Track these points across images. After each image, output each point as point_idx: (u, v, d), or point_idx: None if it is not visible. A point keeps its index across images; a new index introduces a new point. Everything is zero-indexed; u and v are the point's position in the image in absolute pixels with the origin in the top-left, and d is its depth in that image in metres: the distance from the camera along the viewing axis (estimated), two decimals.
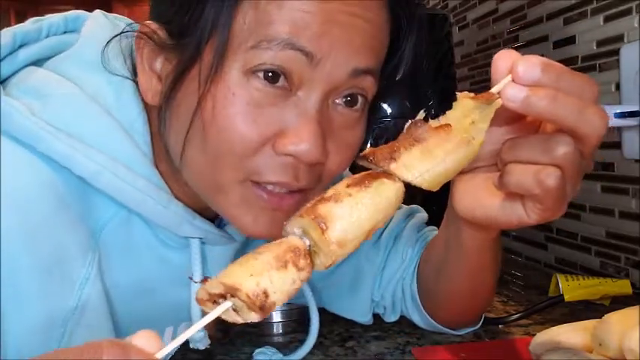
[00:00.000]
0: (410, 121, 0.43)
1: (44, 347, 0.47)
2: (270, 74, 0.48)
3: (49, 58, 0.56)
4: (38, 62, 0.55)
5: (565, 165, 0.43)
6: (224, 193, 0.51)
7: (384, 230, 0.75)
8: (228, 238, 0.61)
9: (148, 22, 0.53)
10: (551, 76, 0.42)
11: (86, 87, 0.52)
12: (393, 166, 0.41)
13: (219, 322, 0.38)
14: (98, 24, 0.57)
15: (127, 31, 0.55)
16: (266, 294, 0.36)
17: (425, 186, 0.42)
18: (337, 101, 0.52)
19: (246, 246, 0.67)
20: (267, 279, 0.36)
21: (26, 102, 0.50)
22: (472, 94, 0.43)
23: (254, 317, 0.36)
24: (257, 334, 0.78)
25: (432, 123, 0.43)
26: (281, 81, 0.48)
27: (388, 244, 0.75)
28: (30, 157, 0.49)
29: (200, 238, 0.58)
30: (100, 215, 0.53)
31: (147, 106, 0.55)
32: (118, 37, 0.55)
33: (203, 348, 0.60)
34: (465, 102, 0.43)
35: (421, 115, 0.43)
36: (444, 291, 0.69)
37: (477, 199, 0.51)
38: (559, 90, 0.42)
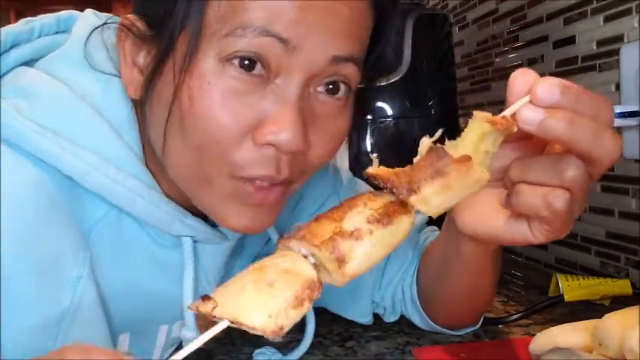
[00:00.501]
0: (424, 140, 0.42)
1: (40, 347, 0.47)
2: (245, 62, 0.47)
3: (40, 58, 0.55)
4: (30, 63, 0.55)
5: (574, 188, 0.43)
6: (210, 186, 0.50)
7: None
8: (221, 236, 0.60)
9: (128, 15, 0.52)
10: (570, 98, 0.41)
11: (75, 86, 0.52)
12: (413, 199, 0.40)
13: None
14: (88, 23, 0.56)
15: (109, 23, 0.55)
16: (282, 328, 0.36)
17: (433, 215, 0.42)
18: (319, 89, 0.50)
19: (242, 245, 0.67)
20: (284, 317, 0.36)
21: (14, 102, 0.50)
22: (489, 117, 0.42)
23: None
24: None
25: (449, 148, 0.42)
26: (257, 69, 0.47)
27: None
28: (18, 158, 0.48)
29: (192, 237, 0.58)
30: (91, 215, 0.53)
31: (135, 105, 0.54)
32: (103, 36, 0.55)
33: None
34: (482, 126, 0.42)
35: (439, 134, 0.42)
36: (443, 297, 0.69)
37: (480, 215, 0.50)
38: (576, 113, 0.41)
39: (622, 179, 0.93)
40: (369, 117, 1.02)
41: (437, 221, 0.75)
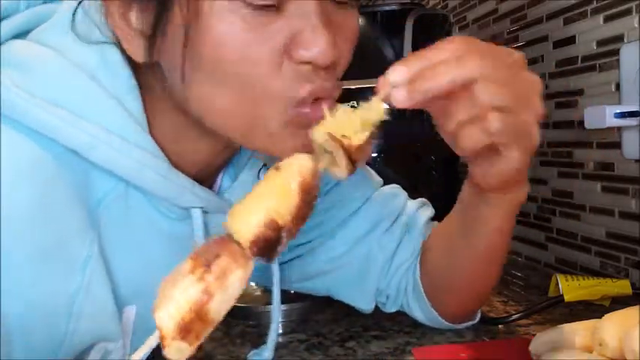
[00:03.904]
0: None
1: (52, 330, 0.47)
2: None
3: (31, 30, 0.53)
4: (21, 35, 0.52)
5: (482, 80, 0.45)
6: (265, 121, 0.49)
7: (397, 218, 0.75)
8: (229, 205, 0.59)
9: None
10: (413, 64, 0.45)
11: (70, 56, 0.50)
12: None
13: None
14: None
15: None
16: None
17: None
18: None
19: None
20: None
21: (8, 74, 0.47)
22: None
23: None
24: (257, 334, 0.78)
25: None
26: None
27: (402, 231, 0.75)
28: (15, 135, 0.46)
29: (201, 208, 0.57)
30: (97, 190, 0.51)
31: (137, 70, 0.52)
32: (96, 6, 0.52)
33: None
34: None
35: None
36: (453, 277, 0.69)
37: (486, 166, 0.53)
38: (434, 63, 0.45)
39: (622, 179, 0.93)
40: None
41: (440, 219, 0.75)
